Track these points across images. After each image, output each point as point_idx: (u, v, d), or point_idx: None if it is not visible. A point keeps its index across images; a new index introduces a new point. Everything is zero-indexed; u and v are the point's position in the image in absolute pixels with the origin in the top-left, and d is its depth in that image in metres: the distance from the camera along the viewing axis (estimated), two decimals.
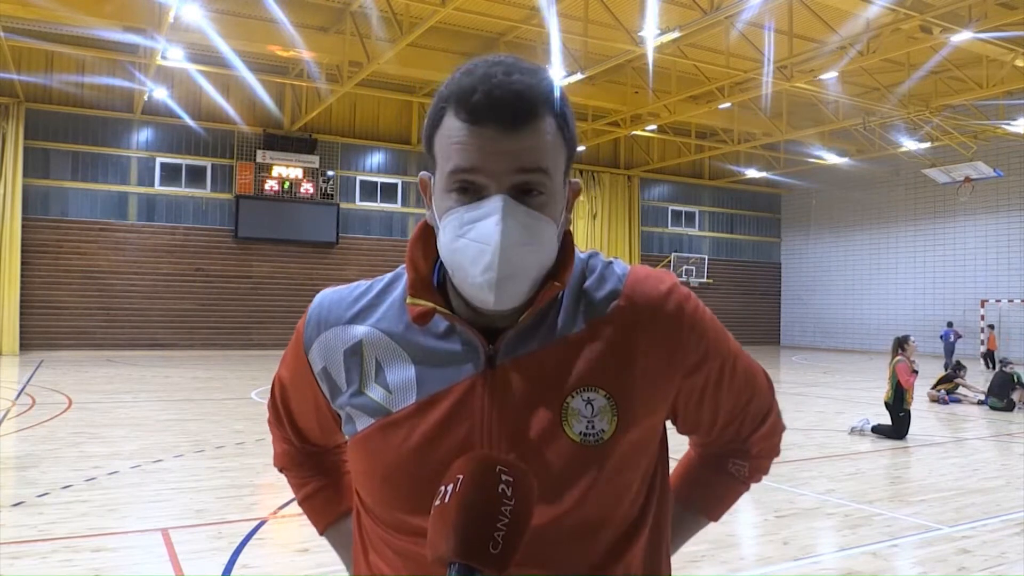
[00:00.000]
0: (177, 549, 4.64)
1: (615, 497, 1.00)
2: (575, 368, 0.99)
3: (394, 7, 15.31)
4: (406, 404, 1.00)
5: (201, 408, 10.67)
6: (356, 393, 1.04)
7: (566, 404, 0.98)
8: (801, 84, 18.13)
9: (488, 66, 0.94)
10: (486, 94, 0.91)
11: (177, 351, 21.02)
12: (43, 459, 7.14)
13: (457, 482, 0.85)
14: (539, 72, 0.96)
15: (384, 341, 1.04)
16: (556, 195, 0.97)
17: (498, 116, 0.91)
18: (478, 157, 0.92)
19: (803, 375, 18.99)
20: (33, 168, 20.06)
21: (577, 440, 0.97)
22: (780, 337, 32.08)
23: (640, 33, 15.35)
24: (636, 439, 1.01)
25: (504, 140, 0.91)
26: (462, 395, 0.99)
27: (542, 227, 0.94)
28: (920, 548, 5.03)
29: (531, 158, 0.92)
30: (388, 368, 1.03)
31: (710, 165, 29.61)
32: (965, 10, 14.66)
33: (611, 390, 0.99)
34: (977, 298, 25.41)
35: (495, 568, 0.82)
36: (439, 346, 1.01)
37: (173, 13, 14.26)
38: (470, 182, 0.93)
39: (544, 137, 0.93)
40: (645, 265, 1.09)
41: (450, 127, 0.94)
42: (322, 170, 22.97)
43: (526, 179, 0.93)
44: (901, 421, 9.28)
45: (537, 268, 0.96)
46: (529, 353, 1.00)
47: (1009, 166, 24.47)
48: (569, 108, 0.98)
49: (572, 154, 1.00)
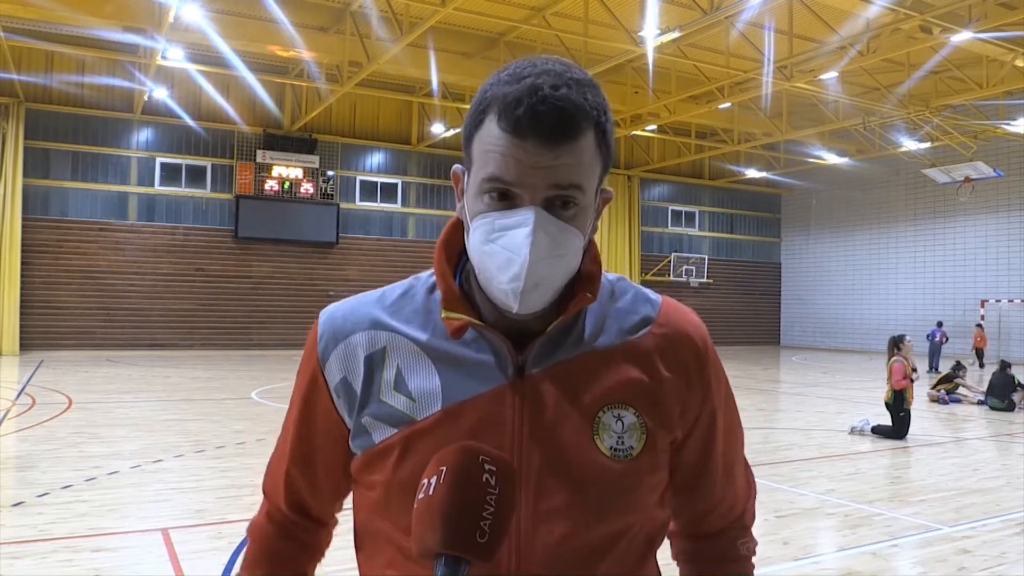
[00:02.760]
0: (177, 549, 4.64)
1: (637, 512, 1.02)
2: (606, 382, 1.01)
3: (394, 7, 15.31)
4: (431, 412, 0.99)
5: (201, 408, 10.67)
6: (376, 402, 1.02)
7: (598, 418, 0.99)
8: (801, 84, 18.13)
9: (536, 75, 0.92)
10: (530, 108, 0.90)
11: (177, 351, 21.02)
12: (43, 459, 7.14)
13: (441, 474, 0.84)
14: (586, 85, 0.95)
15: (408, 347, 1.03)
16: (588, 208, 0.97)
17: (539, 132, 0.90)
18: (515, 170, 0.92)
19: (803, 375, 18.99)
20: (33, 168, 20.07)
21: (607, 455, 0.99)
22: (780, 337, 32.09)
23: (640, 33, 15.35)
24: (659, 458, 1.03)
25: (543, 156, 0.91)
26: (491, 404, 0.98)
27: (570, 238, 0.95)
28: (920, 548, 5.03)
29: (567, 175, 0.92)
30: (411, 375, 1.01)
31: (710, 165, 29.62)
32: (965, 10, 14.66)
33: (640, 409, 1.01)
34: (977, 298, 25.41)
35: (483, 557, 0.82)
36: (466, 354, 1.01)
37: (173, 13, 14.26)
38: (504, 191, 0.94)
39: (583, 155, 0.93)
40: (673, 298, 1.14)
41: (490, 133, 0.93)
42: (322, 170, 22.97)
43: (560, 194, 0.93)
44: (901, 421, 9.28)
45: (563, 277, 0.97)
46: (559, 363, 1.01)
47: (1009, 166, 24.47)
48: (610, 121, 0.98)
49: (608, 165, 1.00)
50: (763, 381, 17.03)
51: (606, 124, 0.96)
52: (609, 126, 0.97)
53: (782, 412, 12.23)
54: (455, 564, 0.82)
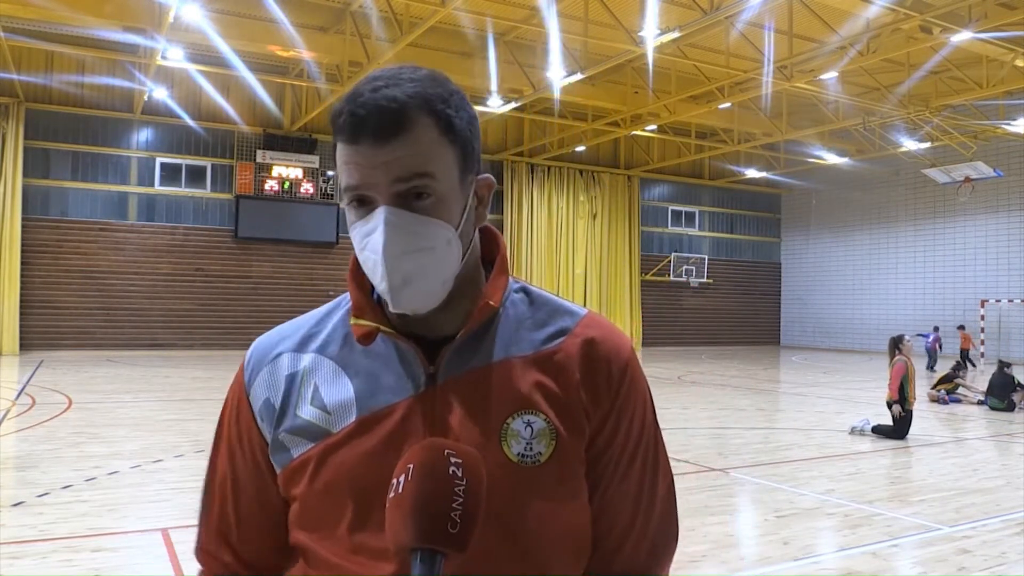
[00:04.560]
0: (177, 549, 4.64)
1: (552, 519, 1.00)
2: (517, 390, 1.01)
3: (394, 7, 15.31)
4: (347, 423, 1.00)
5: (201, 408, 10.69)
6: (292, 416, 1.03)
7: (506, 425, 0.99)
8: (801, 84, 18.13)
9: (363, 83, 0.96)
10: (350, 113, 0.94)
11: (177, 351, 21.02)
12: (43, 459, 7.14)
13: (408, 471, 0.86)
14: (418, 80, 0.96)
15: (326, 364, 1.05)
16: (447, 195, 0.97)
17: (364, 132, 0.93)
18: (358, 174, 0.94)
19: (803, 375, 18.99)
20: (33, 168, 20.07)
21: (515, 460, 0.98)
22: (780, 337, 32.09)
23: (640, 33, 15.34)
24: (571, 466, 1.01)
25: (377, 153, 0.93)
26: (404, 413, 0.99)
27: (432, 229, 0.96)
28: (920, 548, 5.03)
29: (407, 165, 0.93)
30: (327, 389, 1.03)
31: (710, 165, 29.61)
32: (965, 10, 14.65)
33: (551, 415, 1.00)
34: (977, 298, 25.41)
35: (456, 547, 0.84)
36: (380, 364, 1.02)
37: (173, 13, 14.25)
38: (361, 197, 0.96)
39: (418, 144, 0.94)
40: (602, 317, 1.11)
41: (337, 149, 0.97)
42: (322, 170, 22.96)
43: (406, 186, 0.94)
44: (903, 421, 9.28)
45: (439, 269, 0.97)
46: (469, 371, 1.01)
47: (1009, 166, 24.47)
48: (459, 107, 0.98)
49: (468, 151, 0.99)
50: (763, 381, 17.03)
51: (447, 111, 0.96)
52: (455, 112, 0.97)
53: (782, 412, 12.23)
54: (431, 558, 0.84)
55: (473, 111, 1.02)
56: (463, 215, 1.00)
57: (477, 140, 1.02)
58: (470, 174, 1.01)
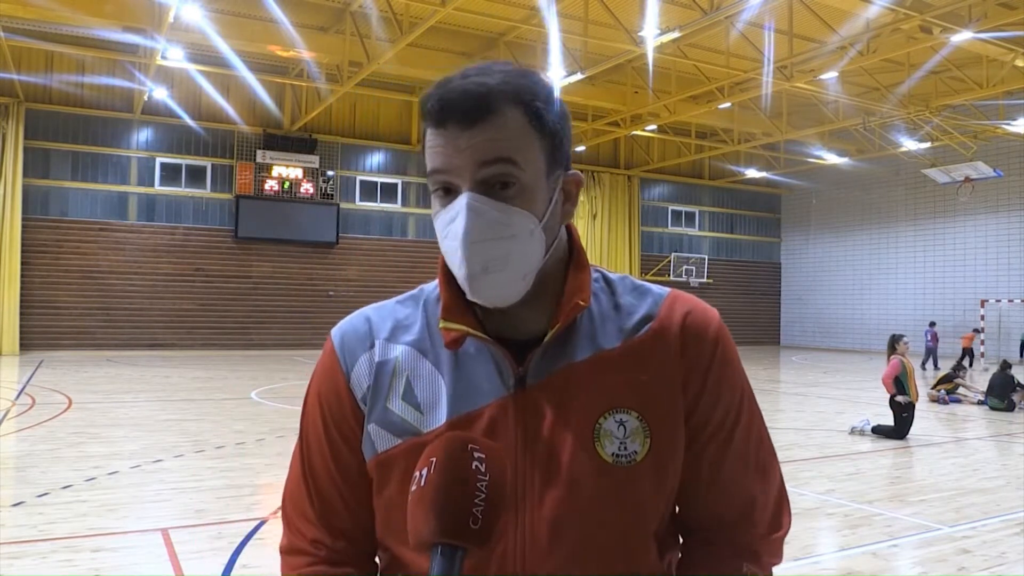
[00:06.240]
0: (177, 549, 4.64)
1: (645, 517, 1.00)
2: (607, 388, 1.00)
3: (394, 7, 15.31)
4: (437, 425, 0.99)
5: (201, 408, 10.66)
6: (383, 410, 1.03)
7: (599, 425, 0.99)
8: (801, 84, 18.13)
9: (454, 73, 0.97)
10: (439, 98, 0.94)
11: (177, 351, 21.02)
12: (43, 459, 7.13)
13: (431, 465, 0.85)
14: (509, 72, 0.97)
15: (420, 360, 1.04)
16: (532, 186, 0.96)
17: (452, 115, 0.94)
18: (443, 157, 0.95)
19: (803, 375, 18.99)
20: (33, 168, 20.07)
21: (610, 461, 0.98)
22: (780, 337, 32.08)
23: (640, 33, 15.35)
24: (666, 461, 1.01)
25: (461, 137, 0.93)
26: (494, 416, 0.99)
27: (515, 218, 0.95)
28: (920, 548, 5.03)
29: (490, 149, 0.93)
30: (420, 386, 1.02)
31: (710, 165, 29.61)
32: (965, 10, 14.65)
33: (643, 412, 1.00)
34: (977, 298, 25.41)
35: (477, 543, 0.83)
36: (470, 366, 1.01)
37: (173, 13, 14.26)
38: (444, 183, 0.96)
39: (505, 129, 0.94)
40: (685, 292, 1.09)
41: (426, 135, 0.98)
42: (322, 170, 22.97)
43: (490, 171, 0.94)
44: (903, 421, 9.27)
45: (521, 259, 0.96)
46: (558, 371, 1.00)
47: (1009, 166, 24.47)
48: (548, 102, 0.98)
49: (557, 144, 0.99)
50: (763, 381, 17.02)
51: (535, 102, 0.96)
52: (544, 106, 0.97)
53: (782, 412, 12.22)
54: (451, 553, 0.83)
55: (565, 108, 1.02)
56: (548, 208, 0.99)
57: (568, 136, 1.02)
58: (558, 168, 1.01)
